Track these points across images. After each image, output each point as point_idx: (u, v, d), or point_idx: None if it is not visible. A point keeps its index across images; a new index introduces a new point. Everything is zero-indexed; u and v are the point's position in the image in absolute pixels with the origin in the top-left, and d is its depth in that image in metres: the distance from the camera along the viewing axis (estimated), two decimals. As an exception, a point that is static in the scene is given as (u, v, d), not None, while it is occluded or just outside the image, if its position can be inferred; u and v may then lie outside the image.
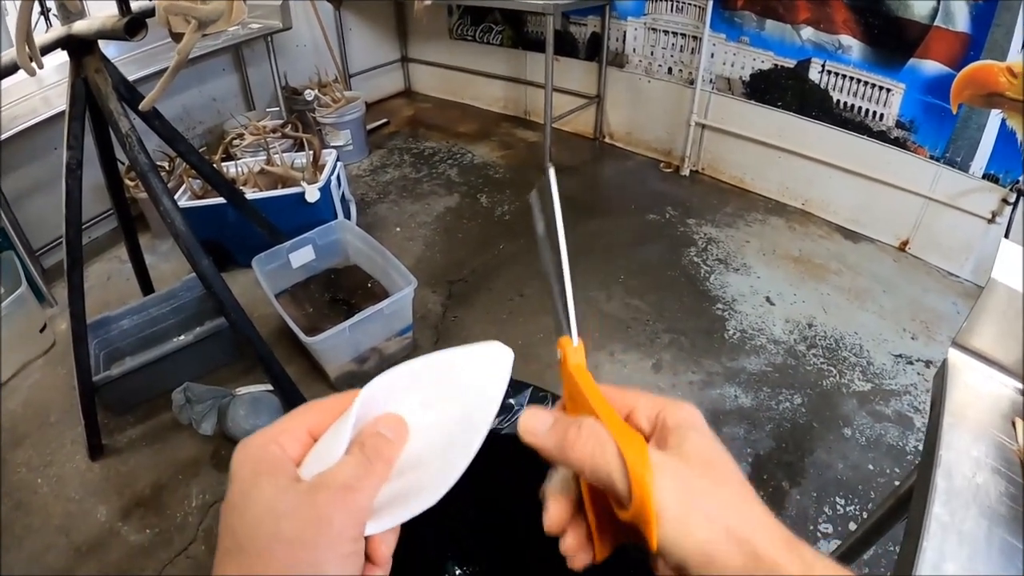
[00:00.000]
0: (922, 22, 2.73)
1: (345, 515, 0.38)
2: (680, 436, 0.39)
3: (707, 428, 0.41)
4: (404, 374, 0.45)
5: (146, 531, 1.92)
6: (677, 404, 0.42)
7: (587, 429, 0.39)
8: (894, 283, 2.96)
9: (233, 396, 2.19)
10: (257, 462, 0.40)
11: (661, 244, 3.26)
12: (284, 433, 0.42)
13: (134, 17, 1.54)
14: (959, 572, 0.65)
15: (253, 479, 0.39)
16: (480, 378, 0.45)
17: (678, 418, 0.41)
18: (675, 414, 0.41)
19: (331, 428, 0.43)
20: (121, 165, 2.23)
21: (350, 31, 4.71)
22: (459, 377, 0.45)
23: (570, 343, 0.44)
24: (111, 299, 2.86)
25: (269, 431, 0.42)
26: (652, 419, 0.42)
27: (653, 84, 3.95)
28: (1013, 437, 0.80)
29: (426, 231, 3.41)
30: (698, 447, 0.39)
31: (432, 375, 0.45)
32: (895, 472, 2.06)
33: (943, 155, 2.90)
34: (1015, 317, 0.89)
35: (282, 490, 0.38)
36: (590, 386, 0.42)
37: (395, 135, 4.65)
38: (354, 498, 0.38)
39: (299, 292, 2.66)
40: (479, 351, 0.46)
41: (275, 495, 0.38)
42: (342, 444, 0.41)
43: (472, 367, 0.45)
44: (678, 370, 2.46)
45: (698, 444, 0.39)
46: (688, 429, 0.40)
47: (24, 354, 2.56)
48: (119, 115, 1.80)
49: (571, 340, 0.44)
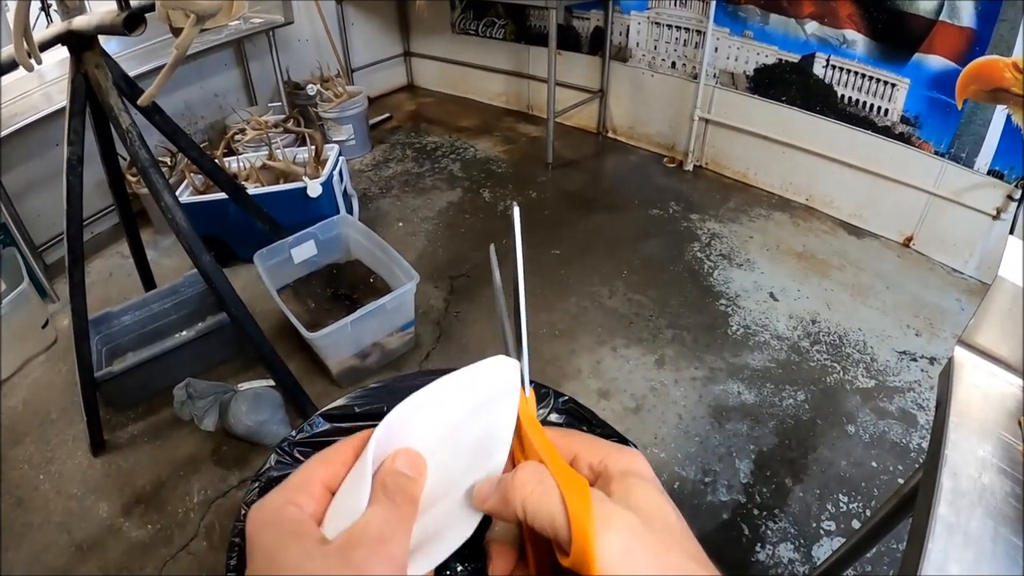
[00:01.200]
0: (927, 17, 2.72)
1: (384, 567, 0.35)
2: (626, 485, 0.38)
3: (652, 476, 0.40)
4: (413, 406, 0.43)
5: (147, 527, 1.92)
6: (621, 451, 0.41)
7: (527, 472, 0.38)
8: (898, 279, 2.95)
9: (235, 392, 2.19)
10: (277, 526, 0.37)
11: (664, 239, 3.25)
12: (299, 491, 0.39)
13: (133, 12, 1.53)
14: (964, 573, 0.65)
15: (277, 546, 0.36)
16: (491, 396, 0.43)
17: (622, 465, 0.40)
18: (618, 461, 0.40)
19: (349, 477, 0.41)
20: (122, 161, 2.23)
21: (352, 25, 4.70)
22: (469, 399, 0.44)
23: (522, 393, 0.43)
24: (113, 295, 2.86)
25: (282, 491, 0.39)
26: (595, 466, 0.41)
27: (656, 78, 3.94)
28: (1019, 437, 0.79)
29: (428, 226, 3.40)
30: (642, 498, 0.37)
31: (441, 403, 0.44)
32: (899, 469, 2.05)
33: (948, 151, 2.88)
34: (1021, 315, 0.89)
35: (309, 555, 0.35)
36: (538, 433, 0.41)
37: (397, 130, 4.64)
38: (388, 549, 0.36)
39: (301, 287, 2.66)
40: (485, 368, 0.45)
41: (303, 561, 0.35)
42: (364, 493, 0.39)
43: (480, 386, 0.44)
44: (681, 366, 2.46)
45: (642, 494, 0.38)
46: (633, 477, 0.39)
47: (26, 350, 2.56)
48: (120, 111, 1.80)
49: (523, 391, 0.43)
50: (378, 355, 2.43)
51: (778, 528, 1.87)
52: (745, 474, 2.04)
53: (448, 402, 0.44)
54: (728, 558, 1.81)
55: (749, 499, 1.96)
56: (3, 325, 2.38)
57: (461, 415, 0.43)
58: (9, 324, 2.41)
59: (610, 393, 2.35)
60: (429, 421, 0.43)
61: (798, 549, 1.82)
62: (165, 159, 3.23)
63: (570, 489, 0.36)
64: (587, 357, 2.51)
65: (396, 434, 0.42)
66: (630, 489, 0.38)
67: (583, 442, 0.43)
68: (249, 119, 3.63)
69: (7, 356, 2.47)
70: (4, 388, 2.44)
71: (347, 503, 0.39)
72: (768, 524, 1.89)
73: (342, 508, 0.39)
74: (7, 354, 2.46)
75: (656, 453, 2.11)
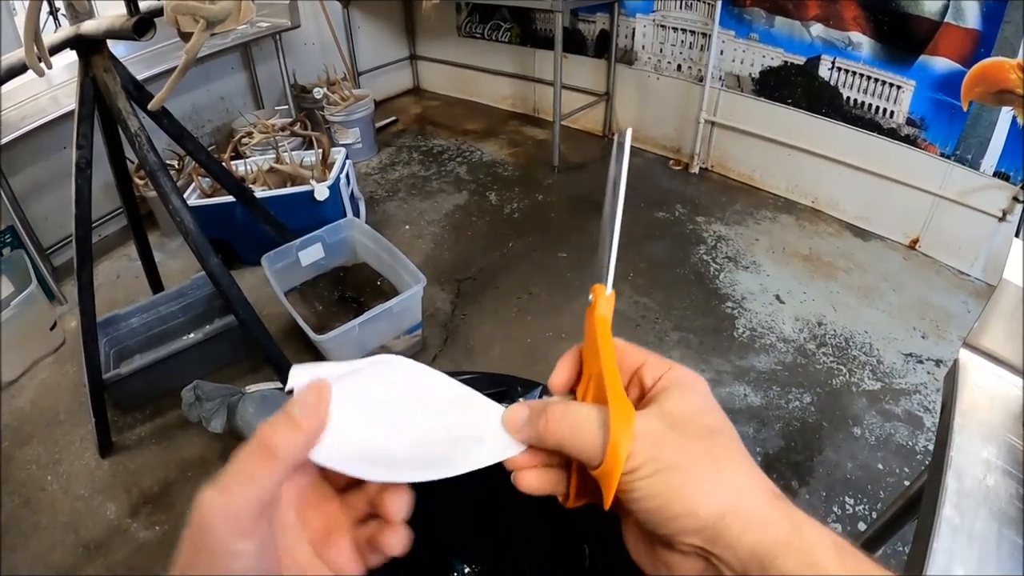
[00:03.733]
0: (932, 19, 2.72)
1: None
2: (667, 393, 0.40)
3: (704, 389, 0.42)
4: (429, 373, 0.45)
5: (155, 528, 1.93)
6: (683, 369, 0.43)
7: (556, 416, 0.40)
8: (904, 281, 2.95)
9: (243, 394, 2.19)
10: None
11: (670, 242, 3.25)
12: None
13: (142, 17, 1.54)
14: (968, 573, 0.65)
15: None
16: (482, 432, 0.44)
17: (677, 378, 0.42)
18: (677, 374, 0.42)
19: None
20: (130, 164, 2.24)
21: (358, 29, 4.71)
22: (465, 415, 0.44)
23: (603, 291, 0.44)
24: (120, 297, 2.88)
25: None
26: (656, 377, 0.42)
27: (662, 81, 3.94)
28: None
29: (435, 229, 3.41)
30: (677, 401, 0.40)
31: (448, 394, 0.45)
32: (904, 472, 2.05)
33: (953, 153, 2.88)
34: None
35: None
36: (606, 341, 0.42)
37: (404, 133, 4.65)
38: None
39: (308, 290, 2.66)
40: (490, 409, 0.45)
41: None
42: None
43: (482, 419, 0.44)
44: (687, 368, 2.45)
45: (677, 399, 0.40)
46: (679, 388, 0.41)
47: (34, 352, 2.57)
48: (128, 114, 1.81)
49: (604, 288, 0.44)
50: (384, 357, 2.43)
51: (784, 530, 1.87)
52: (751, 476, 2.04)
53: (453, 400, 0.45)
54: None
55: (755, 501, 1.96)
56: (12, 327, 2.39)
57: (454, 418, 0.44)
58: (17, 326, 2.43)
59: (616, 395, 2.34)
60: (428, 392, 0.45)
61: (804, 551, 1.81)
62: (173, 162, 3.24)
63: (618, 413, 0.37)
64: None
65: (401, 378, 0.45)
66: (669, 394, 0.40)
67: (650, 355, 0.45)
68: (256, 122, 3.64)
69: (16, 358, 2.48)
70: (12, 389, 2.45)
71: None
72: (774, 526, 1.88)
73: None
74: (16, 356, 2.47)
75: (662, 455, 2.11)
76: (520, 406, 0.43)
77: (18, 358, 2.50)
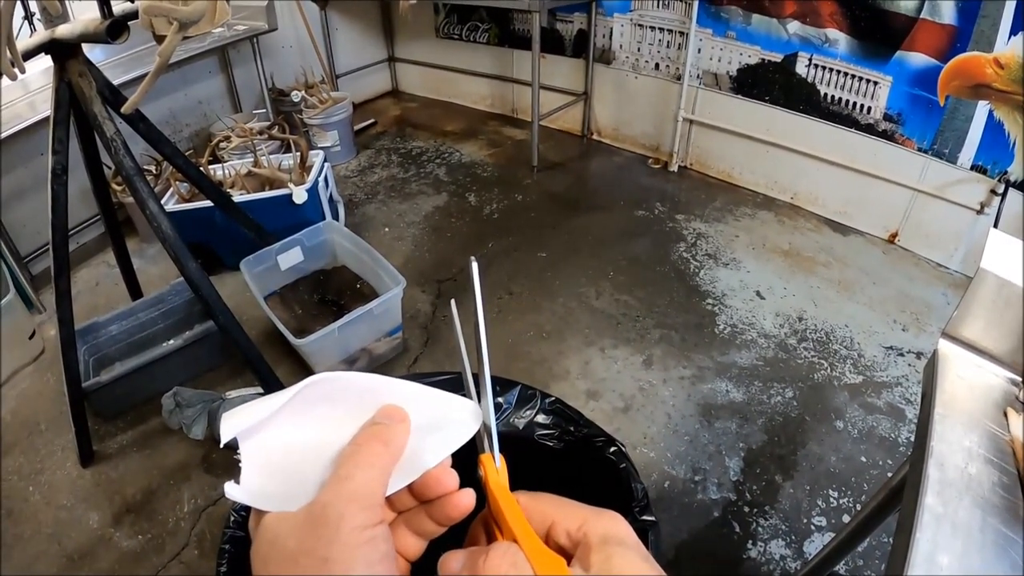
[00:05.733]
0: (908, 15, 2.74)
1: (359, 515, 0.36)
2: (606, 555, 0.37)
3: (635, 541, 0.39)
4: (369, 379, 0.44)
5: (138, 537, 1.91)
6: (600, 515, 0.40)
7: (500, 553, 0.37)
8: (883, 275, 2.97)
9: (223, 399, 2.18)
10: None
11: (650, 239, 3.26)
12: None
13: (116, 20, 1.53)
14: (953, 563, 0.65)
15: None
16: (443, 423, 0.43)
17: (601, 531, 0.39)
18: (598, 526, 0.39)
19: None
20: (107, 169, 2.21)
21: (336, 31, 4.69)
22: (425, 409, 0.44)
23: (492, 462, 0.42)
24: (100, 304, 2.85)
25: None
26: (573, 533, 0.39)
27: (640, 80, 3.95)
28: (1005, 427, 0.80)
29: (415, 231, 3.40)
30: (625, 567, 0.36)
31: (392, 396, 0.44)
32: (888, 464, 2.07)
33: (931, 147, 2.90)
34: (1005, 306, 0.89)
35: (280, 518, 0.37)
36: (511, 507, 0.40)
37: (383, 135, 4.64)
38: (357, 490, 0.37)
39: (288, 294, 2.65)
40: (454, 402, 0.45)
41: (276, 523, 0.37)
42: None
43: (441, 410, 0.44)
44: (669, 365, 2.46)
45: (624, 564, 0.37)
46: (614, 546, 0.38)
47: (13, 361, 2.54)
48: (104, 119, 1.79)
49: (492, 459, 0.42)
50: (366, 360, 2.42)
51: (769, 525, 1.88)
52: (735, 472, 2.05)
53: (409, 398, 0.44)
54: (720, 555, 1.82)
55: (739, 496, 1.97)
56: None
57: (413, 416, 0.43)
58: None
59: (599, 394, 2.35)
60: (364, 405, 0.43)
61: (789, 545, 1.83)
62: (150, 167, 3.21)
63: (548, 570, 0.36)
64: (575, 358, 2.51)
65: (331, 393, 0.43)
66: (611, 559, 0.37)
67: (558, 507, 0.41)
68: (234, 126, 3.62)
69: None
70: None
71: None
72: (759, 521, 1.89)
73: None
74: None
75: (646, 452, 2.11)
76: (457, 552, 0.40)
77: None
